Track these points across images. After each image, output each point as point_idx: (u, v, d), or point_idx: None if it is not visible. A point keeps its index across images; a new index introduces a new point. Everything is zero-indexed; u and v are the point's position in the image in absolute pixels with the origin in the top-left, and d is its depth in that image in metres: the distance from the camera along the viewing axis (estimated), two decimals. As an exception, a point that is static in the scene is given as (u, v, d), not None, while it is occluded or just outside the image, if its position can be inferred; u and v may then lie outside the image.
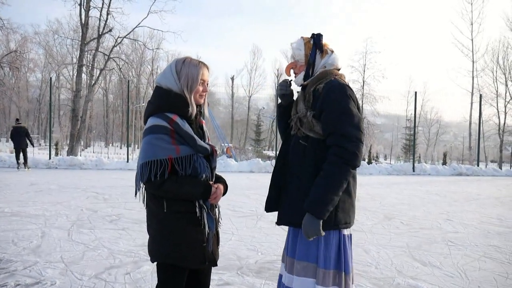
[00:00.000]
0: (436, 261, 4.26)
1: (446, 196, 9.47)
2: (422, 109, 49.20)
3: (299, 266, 2.06)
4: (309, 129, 2.08)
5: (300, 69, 2.22)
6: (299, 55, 2.20)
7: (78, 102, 27.87)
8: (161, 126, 1.96)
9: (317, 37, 2.20)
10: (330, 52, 2.21)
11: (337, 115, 1.99)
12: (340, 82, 2.11)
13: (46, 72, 52.13)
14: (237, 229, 5.46)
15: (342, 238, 2.10)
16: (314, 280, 2.04)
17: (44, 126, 57.72)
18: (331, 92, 2.04)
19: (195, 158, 2.02)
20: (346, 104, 2.01)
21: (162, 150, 1.93)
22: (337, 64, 2.21)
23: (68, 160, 15.54)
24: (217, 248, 2.20)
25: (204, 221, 2.04)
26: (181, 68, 2.05)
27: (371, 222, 6.17)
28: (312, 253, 2.05)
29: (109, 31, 28.68)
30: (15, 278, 3.46)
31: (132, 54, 46.57)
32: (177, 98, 2.02)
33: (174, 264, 2.03)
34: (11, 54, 29.65)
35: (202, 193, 2.01)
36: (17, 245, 4.46)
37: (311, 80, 2.16)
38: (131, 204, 6.93)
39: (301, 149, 2.11)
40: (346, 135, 1.95)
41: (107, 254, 4.22)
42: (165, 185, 1.94)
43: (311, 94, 2.12)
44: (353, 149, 1.95)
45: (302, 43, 2.20)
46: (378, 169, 15.95)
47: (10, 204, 6.85)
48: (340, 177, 1.96)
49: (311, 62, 2.18)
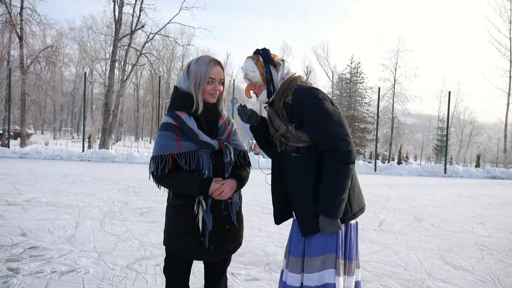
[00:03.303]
0: (468, 265, 4.16)
1: (479, 199, 9.21)
2: (455, 110, 48.05)
3: (318, 262, 2.10)
4: (297, 141, 2.10)
5: (260, 89, 2.19)
6: (255, 77, 2.17)
7: (111, 96, 28.49)
8: (167, 124, 2.09)
9: (265, 53, 2.17)
10: (281, 62, 2.20)
11: (316, 120, 2.02)
12: (305, 87, 2.12)
13: (80, 67, 53.51)
14: (265, 225, 5.49)
15: (349, 228, 2.17)
16: (334, 270, 2.09)
17: (77, 120, 59.31)
18: (301, 100, 2.05)
19: (199, 154, 2.08)
20: (320, 107, 2.03)
21: (164, 147, 2.06)
22: (292, 71, 2.22)
23: (100, 153, 15.92)
24: (225, 246, 2.19)
25: (199, 217, 2.09)
26: (193, 67, 2.12)
27: (400, 223, 6.08)
28: (331, 243, 2.10)
29: (141, 27, 29.16)
30: (51, 266, 3.59)
31: (163, 50, 47.19)
32: (183, 96, 2.12)
33: (171, 252, 2.19)
34: (47, 49, 30.52)
35: (199, 189, 2.06)
36: (52, 234, 4.62)
37: (275, 96, 2.16)
38: (161, 198, 7.05)
39: (296, 161, 2.13)
40: (333, 135, 1.99)
41: (138, 246, 4.32)
42: (164, 180, 2.08)
43: (282, 109, 2.13)
44: (346, 147, 1.98)
45: (252, 63, 2.16)
46: (408, 169, 15.65)
47: (46, 194, 7.09)
48: (343, 178, 2.01)
49: (269, 79, 2.16)
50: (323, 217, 2.04)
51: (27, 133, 32.35)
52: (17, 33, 28.45)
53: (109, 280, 3.33)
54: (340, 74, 48.12)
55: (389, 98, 40.58)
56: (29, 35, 29.17)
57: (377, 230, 5.55)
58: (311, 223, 2.09)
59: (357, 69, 46.46)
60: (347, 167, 2.01)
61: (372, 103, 44.94)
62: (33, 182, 8.47)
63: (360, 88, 46.31)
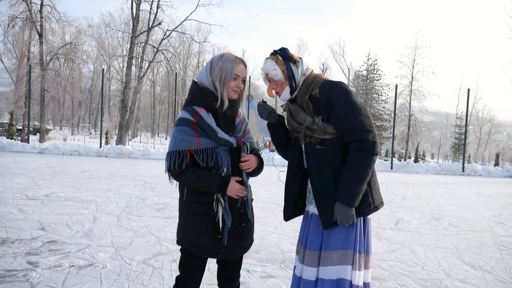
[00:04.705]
0: (487, 265, 4.09)
1: (499, 198, 9.05)
2: (474, 107, 47.29)
3: (335, 256, 2.14)
4: (323, 133, 2.15)
5: (283, 86, 2.23)
6: (276, 75, 2.21)
7: (128, 93, 28.79)
8: (185, 119, 2.07)
9: (283, 51, 2.22)
10: (300, 59, 2.25)
11: (346, 112, 2.08)
12: (332, 81, 2.21)
13: (98, 63, 54.19)
14: (280, 222, 5.48)
15: (367, 222, 2.24)
16: (350, 267, 2.13)
17: (95, 116, 60.05)
18: (331, 93, 2.12)
19: (217, 151, 2.08)
20: (350, 99, 2.11)
21: (182, 142, 2.05)
22: (311, 67, 2.27)
23: (118, 149, 16.09)
24: (240, 244, 2.19)
25: (219, 215, 2.09)
26: (217, 63, 2.12)
27: (417, 221, 6.01)
28: (351, 240, 2.14)
29: (158, 24, 29.38)
30: (69, 260, 3.65)
31: (180, 47, 47.44)
32: (204, 92, 2.12)
33: (186, 249, 2.17)
34: (66, 46, 30.98)
35: (218, 187, 2.06)
36: (71, 228, 4.69)
37: (299, 91, 2.21)
38: (177, 194, 7.06)
39: (320, 154, 2.16)
40: (361, 126, 2.06)
41: (155, 241, 4.35)
42: (182, 175, 2.08)
43: (308, 102, 2.17)
44: (372, 138, 2.06)
45: (273, 62, 2.22)
46: (425, 168, 15.45)
47: (64, 189, 7.20)
48: (367, 168, 2.07)
49: (290, 76, 2.20)
50: (339, 204, 2.08)
51: (46, 128, 32.93)
52: (37, 30, 28.96)
53: (126, 275, 3.37)
54: (357, 71, 47.75)
55: (406, 96, 40.08)
56: (49, 32, 29.69)
57: (394, 228, 5.50)
58: (333, 215, 2.12)
59: (373, 66, 46.05)
60: (371, 158, 2.07)
61: (388, 101, 44.51)
62: (52, 177, 8.60)
63: (376, 85, 45.88)
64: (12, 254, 3.73)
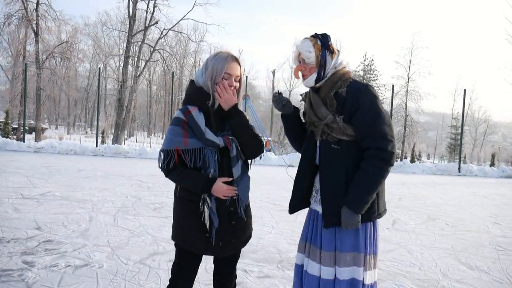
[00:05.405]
0: (484, 266, 4.10)
1: (495, 198, 9.08)
2: (470, 108, 47.44)
3: (349, 257, 2.14)
4: (341, 134, 2.10)
5: (311, 71, 2.18)
6: (309, 57, 2.15)
7: (124, 92, 28.69)
8: (178, 118, 2.09)
9: (324, 38, 2.17)
10: (337, 52, 2.20)
11: (371, 117, 2.04)
12: (361, 82, 2.15)
13: (94, 62, 53.92)
14: (277, 222, 5.47)
15: (376, 225, 2.24)
16: (362, 268, 2.15)
17: (91, 115, 59.85)
18: (358, 94, 2.07)
19: (205, 152, 2.07)
20: (377, 105, 2.07)
21: (170, 142, 2.06)
22: (344, 64, 2.22)
23: (114, 148, 16.04)
24: (231, 242, 2.17)
25: (204, 215, 2.08)
26: (211, 61, 2.12)
27: (414, 222, 6.02)
28: (361, 243, 2.15)
29: (155, 23, 29.29)
30: (65, 259, 3.63)
31: (176, 46, 47.30)
32: (197, 91, 2.12)
33: (179, 245, 2.19)
34: (62, 44, 30.84)
35: (203, 188, 2.06)
36: (67, 228, 4.67)
37: (325, 84, 2.15)
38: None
39: (334, 153, 2.13)
40: (383, 135, 2.03)
41: (151, 241, 4.34)
42: (170, 175, 2.10)
43: (332, 98, 2.12)
44: (391, 149, 2.03)
45: (310, 44, 2.16)
46: (422, 168, 15.48)
47: (60, 188, 7.16)
48: (381, 178, 2.06)
49: (322, 64, 2.15)
50: (347, 209, 2.06)
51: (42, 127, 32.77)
52: (33, 28, 28.80)
53: (122, 275, 3.35)
54: (353, 71, 47.78)
55: (402, 96, 40.15)
56: (45, 31, 29.54)
57: (391, 228, 5.50)
58: (337, 217, 2.11)
59: (370, 66, 46.10)
60: (387, 168, 2.06)
61: (385, 101, 44.51)
62: (47, 176, 8.56)
63: (373, 86, 45.94)
64: (7, 253, 3.71)
